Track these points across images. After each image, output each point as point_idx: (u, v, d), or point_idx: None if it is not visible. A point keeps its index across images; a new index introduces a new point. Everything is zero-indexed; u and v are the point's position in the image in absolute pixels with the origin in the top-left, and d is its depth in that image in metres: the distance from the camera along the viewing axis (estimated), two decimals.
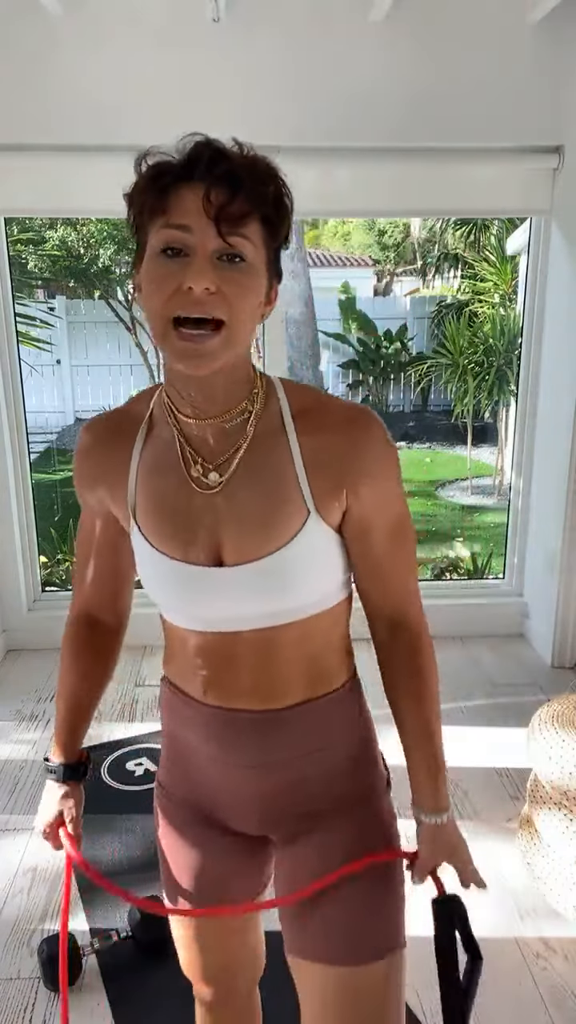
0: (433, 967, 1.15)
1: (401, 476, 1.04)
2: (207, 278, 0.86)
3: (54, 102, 2.90)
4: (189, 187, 0.88)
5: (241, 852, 1.14)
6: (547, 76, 2.98)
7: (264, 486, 0.97)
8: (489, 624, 3.66)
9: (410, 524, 1.06)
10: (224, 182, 0.87)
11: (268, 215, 0.91)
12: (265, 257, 0.92)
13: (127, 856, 2.28)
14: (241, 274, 0.89)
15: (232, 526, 0.97)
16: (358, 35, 2.90)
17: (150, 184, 0.93)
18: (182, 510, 0.99)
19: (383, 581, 1.05)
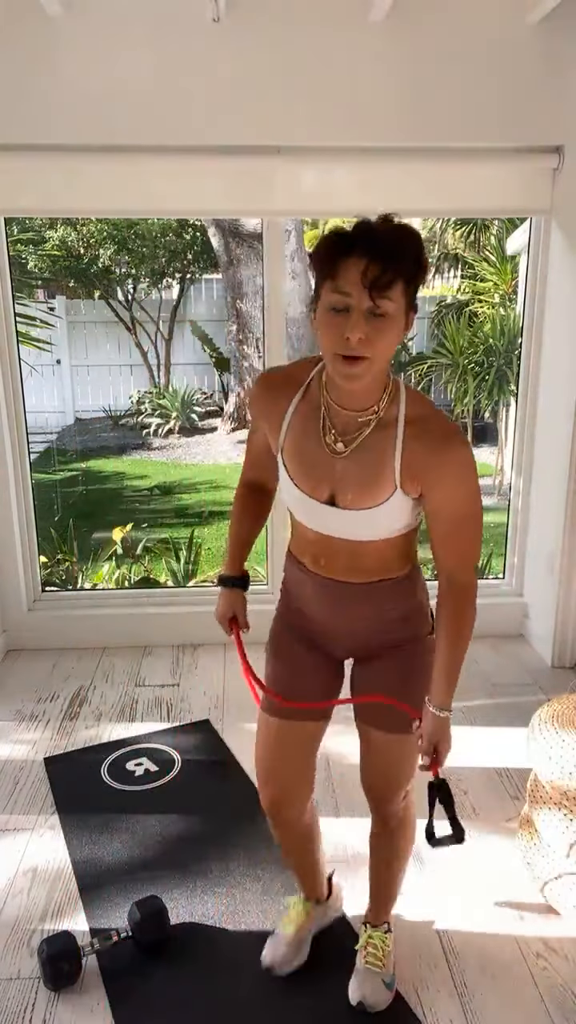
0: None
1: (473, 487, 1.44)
2: (360, 330, 1.29)
3: (54, 102, 2.90)
4: (352, 261, 1.28)
5: (327, 666, 1.70)
6: (547, 76, 2.98)
7: (371, 464, 1.42)
8: (489, 624, 3.63)
9: (472, 520, 1.46)
10: (377, 258, 1.26)
11: (409, 277, 1.32)
12: (404, 304, 1.33)
13: (127, 856, 2.28)
14: (384, 324, 1.30)
15: (346, 484, 1.44)
16: (358, 35, 2.89)
17: (326, 253, 1.32)
18: (315, 462, 1.46)
19: (443, 549, 1.48)
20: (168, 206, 3.26)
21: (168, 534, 5.62)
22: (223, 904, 2.09)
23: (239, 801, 2.51)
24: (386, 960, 1.82)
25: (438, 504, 1.43)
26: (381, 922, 1.87)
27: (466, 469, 1.42)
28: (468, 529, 1.47)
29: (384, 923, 1.87)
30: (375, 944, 1.83)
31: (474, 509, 1.45)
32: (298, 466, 1.49)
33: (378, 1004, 1.76)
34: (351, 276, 1.27)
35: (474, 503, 1.45)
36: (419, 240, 1.35)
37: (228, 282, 7.82)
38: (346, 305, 1.29)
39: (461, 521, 1.45)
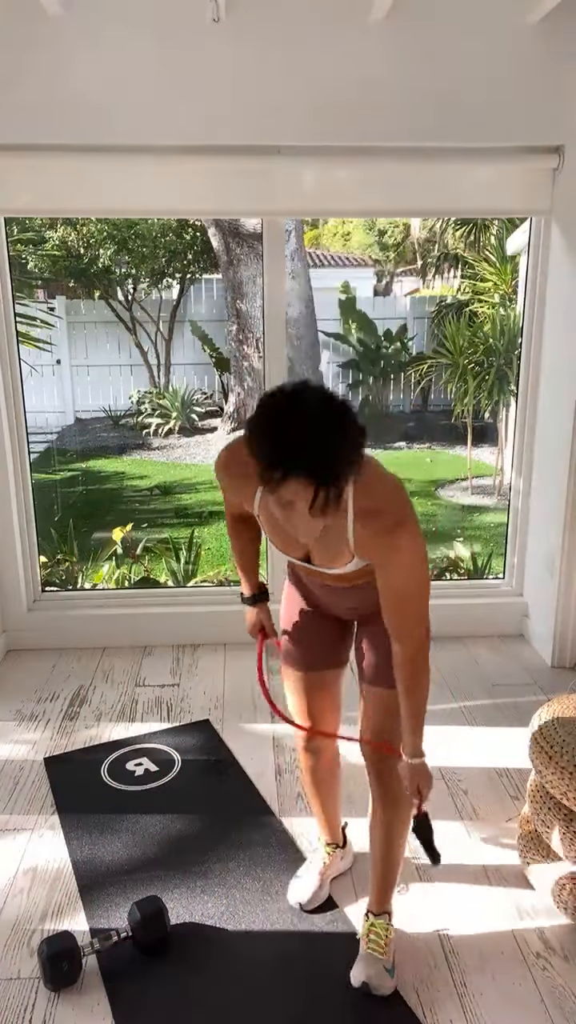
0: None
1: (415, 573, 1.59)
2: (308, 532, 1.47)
3: (54, 102, 2.90)
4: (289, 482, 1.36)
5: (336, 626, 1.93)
6: (547, 76, 2.98)
7: (331, 542, 1.61)
8: (489, 624, 3.66)
9: (414, 601, 1.63)
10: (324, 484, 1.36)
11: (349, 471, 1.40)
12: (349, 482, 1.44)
13: (127, 856, 2.28)
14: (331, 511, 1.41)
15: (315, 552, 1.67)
16: (358, 35, 2.89)
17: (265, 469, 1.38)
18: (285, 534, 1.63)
19: (389, 618, 1.64)
20: (168, 206, 3.26)
21: (168, 534, 5.61)
22: (223, 904, 2.09)
23: (239, 801, 2.51)
24: (387, 948, 1.88)
25: (384, 582, 1.61)
26: (382, 911, 1.94)
27: (409, 557, 1.56)
28: (410, 608, 1.63)
29: (385, 913, 1.94)
30: (377, 932, 1.89)
31: (416, 591, 1.62)
32: (272, 535, 1.72)
33: (381, 987, 1.82)
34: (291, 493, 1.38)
35: (417, 586, 1.61)
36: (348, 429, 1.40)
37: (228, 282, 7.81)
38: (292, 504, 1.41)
39: (404, 600, 1.62)
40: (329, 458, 1.36)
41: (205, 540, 5.86)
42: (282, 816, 2.43)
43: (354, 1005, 1.81)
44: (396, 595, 1.61)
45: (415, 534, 1.57)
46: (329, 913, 2.06)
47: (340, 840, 2.21)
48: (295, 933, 2.01)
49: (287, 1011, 1.81)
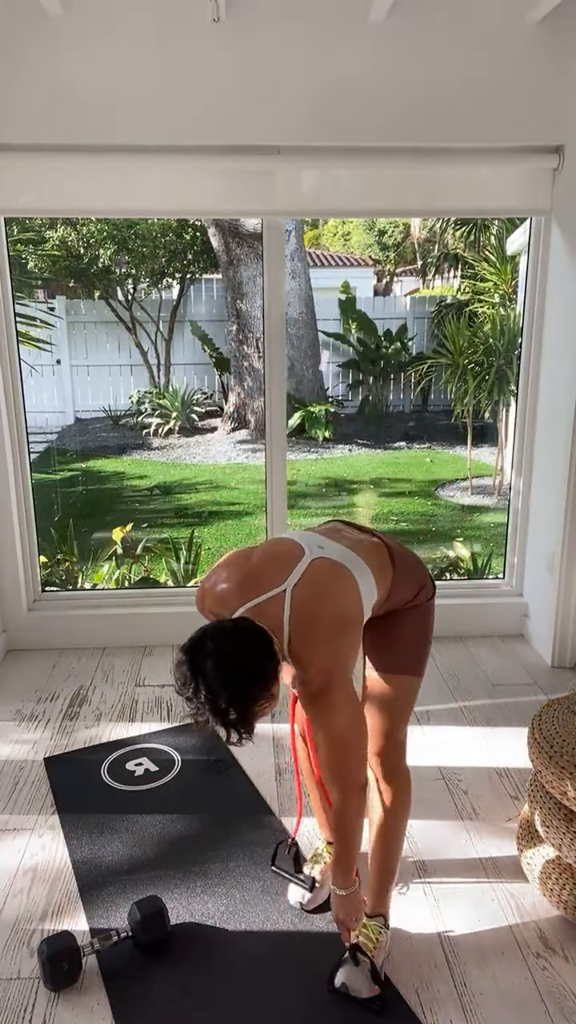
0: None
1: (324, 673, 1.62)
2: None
3: (54, 102, 2.90)
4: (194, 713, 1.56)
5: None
6: (547, 76, 2.98)
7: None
8: (489, 624, 3.66)
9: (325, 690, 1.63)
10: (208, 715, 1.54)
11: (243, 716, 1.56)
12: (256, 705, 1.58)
13: (127, 856, 2.28)
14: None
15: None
16: (358, 35, 2.90)
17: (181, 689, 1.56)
18: None
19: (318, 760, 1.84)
20: (168, 206, 3.26)
21: (168, 534, 5.61)
22: (223, 904, 2.09)
23: (239, 801, 2.51)
24: (376, 951, 1.86)
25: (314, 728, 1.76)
26: (376, 913, 1.93)
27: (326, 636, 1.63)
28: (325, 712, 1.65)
29: (379, 916, 1.92)
30: (367, 934, 1.88)
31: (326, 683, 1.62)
32: None
33: (360, 991, 1.81)
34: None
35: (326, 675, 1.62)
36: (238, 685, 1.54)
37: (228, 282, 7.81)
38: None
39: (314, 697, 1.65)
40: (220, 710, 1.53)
41: (205, 540, 5.86)
42: (282, 816, 2.43)
43: (354, 1005, 1.81)
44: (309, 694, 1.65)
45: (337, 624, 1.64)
46: (329, 913, 2.06)
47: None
48: (295, 933, 2.01)
49: (287, 1011, 1.81)
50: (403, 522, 6.43)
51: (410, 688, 1.91)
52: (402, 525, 6.37)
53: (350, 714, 1.65)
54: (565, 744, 1.99)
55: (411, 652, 1.89)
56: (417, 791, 2.52)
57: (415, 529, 6.33)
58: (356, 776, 1.68)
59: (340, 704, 1.63)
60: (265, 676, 1.55)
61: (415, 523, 6.46)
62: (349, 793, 1.69)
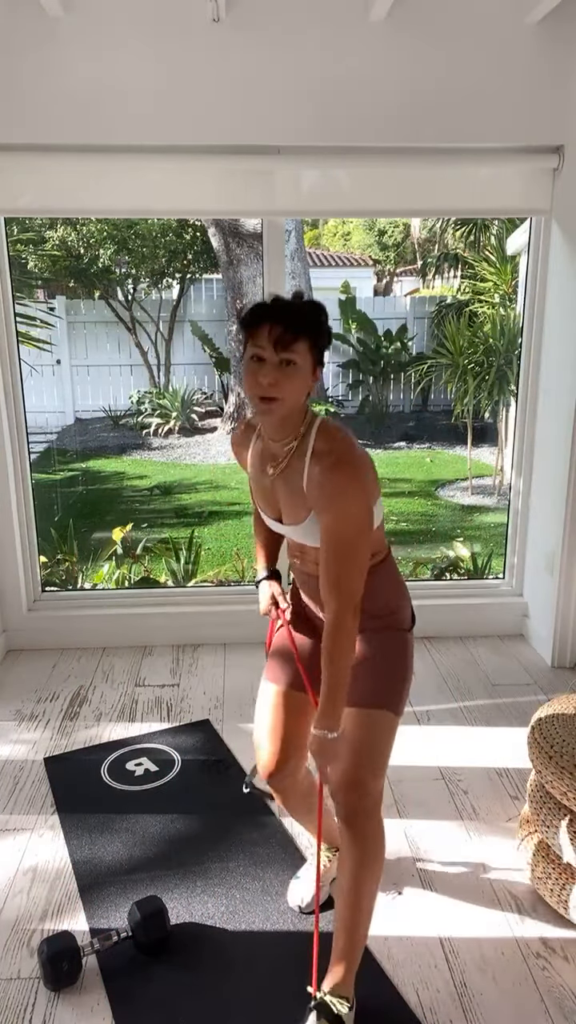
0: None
1: (355, 511, 1.61)
2: (270, 376, 1.60)
3: (54, 102, 2.90)
4: (264, 324, 1.61)
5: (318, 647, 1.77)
6: (547, 76, 2.98)
7: (293, 490, 1.71)
8: (489, 624, 3.66)
9: (350, 548, 1.63)
10: (280, 322, 1.60)
11: (310, 336, 1.62)
12: (311, 359, 1.64)
13: (127, 856, 2.28)
14: (291, 372, 1.61)
15: (283, 505, 1.76)
16: (358, 35, 2.90)
17: (248, 318, 1.64)
18: (263, 489, 1.80)
19: (322, 572, 1.66)
20: (168, 206, 3.26)
21: (168, 534, 5.61)
22: (223, 904, 2.09)
23: (239, 801, 2.51)
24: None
25: (322, 527, 1.64)
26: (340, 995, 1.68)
27: (347, 492, 1.61)
28: (344, 557, 1.62)
29: (343, 997, 1.68)
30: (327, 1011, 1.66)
31: (353, 539, 1.62)
32: (255, 492, 1.86)
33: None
34: (264, 334, 1.61)
35: (354, 534, 1.62)
36: (321, 311, 1.68)
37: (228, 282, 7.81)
38: (261, 356, 1.61)
39: (339, 546, 1.62)
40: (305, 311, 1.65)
41: (205, 540, 5.86)
42: (282, 816, 2.43)
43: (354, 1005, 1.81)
44: (331, 540, 1.62)
45: (357, 479, 1.62)
46: (329, 913, 2.06)
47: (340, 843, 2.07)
48: (295, 933, 2.01)
49: (287, 1011, 1.81)
50: (403, 522, 6.43)
51: (386, 727, 1.74)
52: (402, 525, 6.36)
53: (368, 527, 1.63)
54: (565, 744, 1.99)
55: (387, 682, 1.76)
56: (417, 791, 2.53)
57: (415, 529, 6.33)
58: (357, 588, 1.64)
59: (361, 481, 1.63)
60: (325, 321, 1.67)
61: (415, 523, 6.46)
62: (346, 606, 1.63)
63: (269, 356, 1.60)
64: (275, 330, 1.59)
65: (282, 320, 1.60)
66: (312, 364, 1.65)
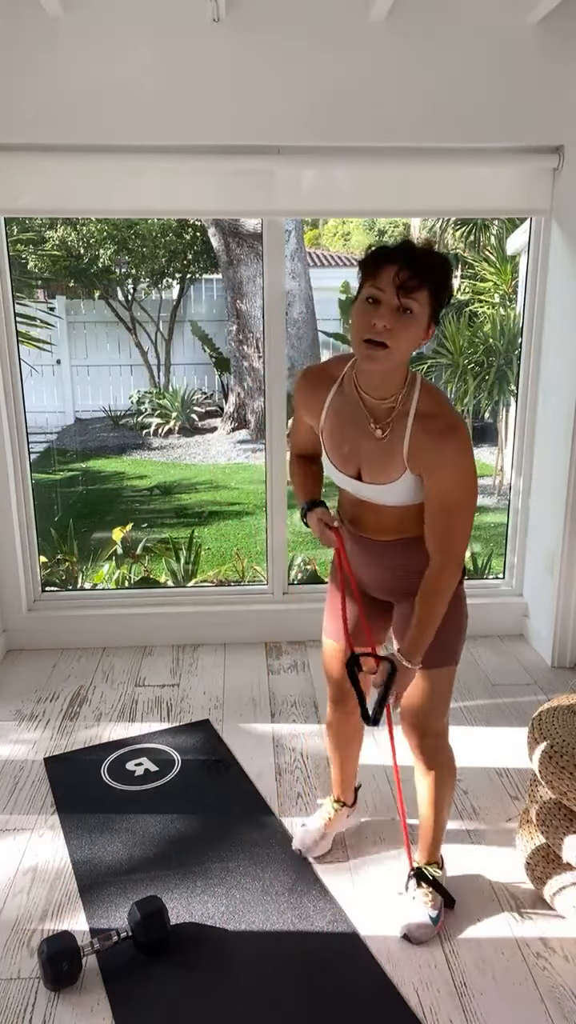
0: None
1: (465, 479, 1.67)
2: (386, 320, 1.57)
3: (54, 102, 2.90)
4: (389, 266, 1.57)
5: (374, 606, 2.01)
6: (547, 76, 2.98)
7: (388, 449, 1.72)
8: (489, 624, 3.66)
9: (459, 510, 1.70)
10: (408, 266, 1.55)
11: (433, 288, 1.59)
12: (429, 311, 1.61)
13: (128, 855, 2.28)
14: (407, 320, 1.58)
15: (368, 463, 1.76)
16: (358, 35, 2.89)
17: (371, 259, 1.60)
18: (345, 443, 1.78)
19: (430, 531, 1.74)
20: (168, 206, 3.26)
21: (168, 534, 5.62)
22: (223, 904, 2.09)
23: (239, 801, 2.51)
24: (433, 899, 2.02)
25: (431, 489, 1.70)
26: (431, 861, 2.08)
27: (460, 460, 1.66)
28: (455, 519, 1.71)
29: (433, 863, 2.08)
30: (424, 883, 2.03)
31: (463, 499, 1.69)
32: (332, 446, 1.82)
33: (422, 938, 1.97)
34: (386, 276, 1.56)
35: (463, 493, 1.69)
36: (449, 264, 1.64)
37: (228, 282, 7.81)
38: (378, 299, 1.57)
39: (448, 508, 1.70)
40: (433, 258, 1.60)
41: (205, 540, 5.86)
42: (282, 816, 2.43)
43: (354, 1005, 1.81)
44: (442, 502, 1.69)
45: (468, 444, 1.67)
46: (329, 913, 2.06)
47: (351, 800, 2.32)
48: (295, 933, 2.01)
49: (287, 1011, 1.81)
50: None
51: (446, 679, 1.92)
52: None
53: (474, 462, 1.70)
54: (565, 744, 1.99)
55: (445, 640, 1.84)
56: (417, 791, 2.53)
57: None
58: (463, 548, 1.75)
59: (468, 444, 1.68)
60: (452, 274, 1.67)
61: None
62: (452, 563, 1.73)
63: (388, 299, 1.56)
64: (402, 274, 1.55)
65: (410, 265, 1.55)
66: (428, 318, 1.61)
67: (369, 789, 2.54)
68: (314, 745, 2.81)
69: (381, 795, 2.52)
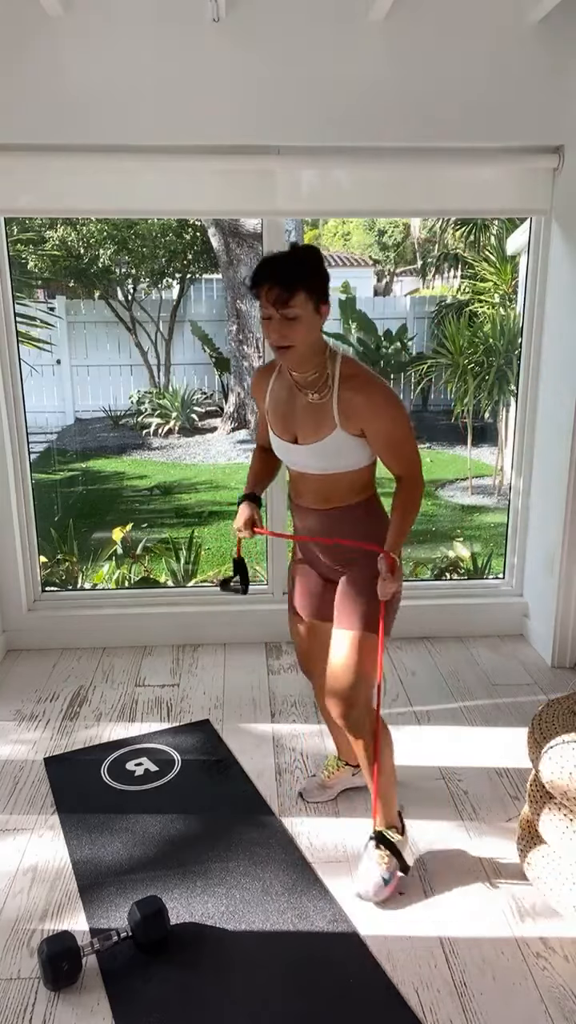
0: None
1: (396, 416, 1.97)
2: (278, 331, 1.88)
3: (54, 102, 2.90)
4: (262, 287, 1.86)
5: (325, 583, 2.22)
6: (547, 76, 2.98)
7: (318, 411, 1.99)
8: (489, 624, 3.66)
9: (404, 441, 2.00)
10: (275, 283, 1.84)
11: (305, 286, 1.85)
12: (312, 302, 1.87)
13: (127, 856, 2.28)
14: (296, 322, 1.87)
15: (302, 427, 2.03)
16: (358, 35, 2.89)
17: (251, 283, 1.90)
18: (283, 414, 2.06)
19: (389, 464, 2.03)
20: (168, 206, 3.26)
21: (168, 534, 5.62)
22: (223, 904, 2.09)
23: (239, 801, 2.51)
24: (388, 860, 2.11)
25: (376, 435, 1.97)
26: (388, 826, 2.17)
27: (388, 404, 1.96)
28: (404, 449, 2.01)
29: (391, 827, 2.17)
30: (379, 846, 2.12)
31: (403, 432, 2.00)
32: (274, 419, 2.09)
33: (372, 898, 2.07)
34: (263, 296, 1.86)
35: (402, 428, 1.99)
36: (312, 256, 1.90)
37: (228, 282, 7.82)
38: (268, 315, 1.88)
39: (396, 443, 1.99)
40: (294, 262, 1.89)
41: (205, 540, 5.86)
42: (282, 816, 2.43)
43: (354, 1005, 1.81)
44: (388, 442, 1.98)
45: (389, 390, 1.98)
46: (329, 913, 2.06)
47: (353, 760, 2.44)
48: (295, 933, 2.01)
49: (287, 1011, 1.81)
50: None
51: (371, 647, 2.04)
52: None
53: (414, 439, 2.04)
54: (565, 744, 1.99)
55: (371, 607, 2.02)
56: (417, 791, 2.53)
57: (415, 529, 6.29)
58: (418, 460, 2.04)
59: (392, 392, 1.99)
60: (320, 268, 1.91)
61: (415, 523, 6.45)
62: (416, 472, 2.03)
63: (273, 314, 1.86)
64: (272, 292, 1.84)
65: (277, 281, 1.83)
66: (314, 306, 1.88)
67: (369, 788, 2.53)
68: (314, 745, 2.81)
69: None
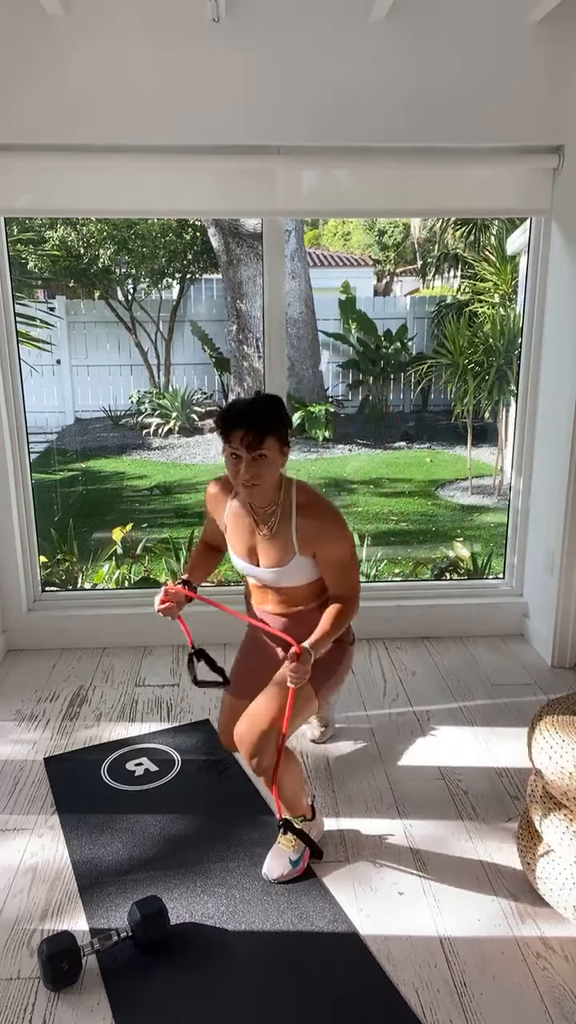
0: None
1: (348, 545, 2.18)
2: (249, 472, 2.03)
3: (54, 102, 2.91)
4: (235, 431, 2.02)
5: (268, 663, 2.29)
6: (547, 76, 2.98)
7: (278, 540, 2.17)
8: (489, 624, 3.66)
9: (350, 565, 2.20)
10: (249, 428, 2.01)
11: (274, 432, 2.04)
12: (277, 444, 2.06)
13: (127, 856, 2.28)
14: (263, 462, 2.04)
15: (263, 554, 2.21)
16: (358, 35, 2.90)
17: (221, 426, 2.06)
18: (244, 540, 2.24)
19: (333, 585, 2.22)
20: (168, 206, 3.26)
21: (168, 534, 5.61)
22: (223, 904, 2.09)
23: (239, 801, 2.51)
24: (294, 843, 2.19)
25: (329, 559, 2.17)
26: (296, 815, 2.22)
27: (342, 531, 2.16)
28: (349, 570, 2.20)
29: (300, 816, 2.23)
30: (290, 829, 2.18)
31: (351, 557, 2.19)
32: (235, 541, 2.26)
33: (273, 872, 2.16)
34: (236, 439, 2.02)
35: (350, 553, 2.19)
36: (279, 404, 2.11)
37: (228, 282, 7.81)
38: (238, 455, 2.03)
39: (344, 566, 2.19)
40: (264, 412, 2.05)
41: None
42: None
43: (353, 1005, 1.81)
44: (338, 563, 2.17)
45: (340, 517, 2.18)
46: (329, 913, 2.06)
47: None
48: (295, 933, 2.01)
49: (287, 1011, 1.81)
50: (403, 522, 6.43)
51: (305, 702, 2.15)
52: (402, 525, 6.37)
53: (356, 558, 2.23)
54: (564, 744, 1.99)
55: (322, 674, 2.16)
56: (417, 791, 2.54)
57: (415, 529, 6.33)
58: (358, 585, 2.22)
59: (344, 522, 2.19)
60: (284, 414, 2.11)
61: (415, 523, 6.46)
62: (355, 597, 2.20)
63: (244, 455, 2.01)
64: (246, 436, 2.00)
65: (251, 426, 2.00)
66: (279, 447, 2.06)
67: (369, 788, 2.54)
68: (314, 744, 2.81)
69: (380, 794, 2.52)
